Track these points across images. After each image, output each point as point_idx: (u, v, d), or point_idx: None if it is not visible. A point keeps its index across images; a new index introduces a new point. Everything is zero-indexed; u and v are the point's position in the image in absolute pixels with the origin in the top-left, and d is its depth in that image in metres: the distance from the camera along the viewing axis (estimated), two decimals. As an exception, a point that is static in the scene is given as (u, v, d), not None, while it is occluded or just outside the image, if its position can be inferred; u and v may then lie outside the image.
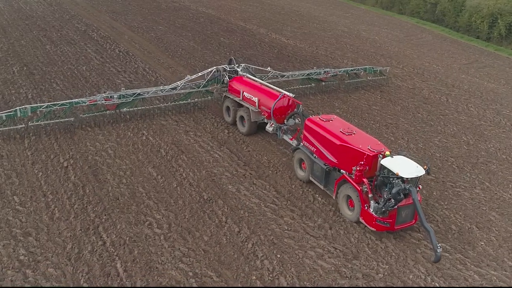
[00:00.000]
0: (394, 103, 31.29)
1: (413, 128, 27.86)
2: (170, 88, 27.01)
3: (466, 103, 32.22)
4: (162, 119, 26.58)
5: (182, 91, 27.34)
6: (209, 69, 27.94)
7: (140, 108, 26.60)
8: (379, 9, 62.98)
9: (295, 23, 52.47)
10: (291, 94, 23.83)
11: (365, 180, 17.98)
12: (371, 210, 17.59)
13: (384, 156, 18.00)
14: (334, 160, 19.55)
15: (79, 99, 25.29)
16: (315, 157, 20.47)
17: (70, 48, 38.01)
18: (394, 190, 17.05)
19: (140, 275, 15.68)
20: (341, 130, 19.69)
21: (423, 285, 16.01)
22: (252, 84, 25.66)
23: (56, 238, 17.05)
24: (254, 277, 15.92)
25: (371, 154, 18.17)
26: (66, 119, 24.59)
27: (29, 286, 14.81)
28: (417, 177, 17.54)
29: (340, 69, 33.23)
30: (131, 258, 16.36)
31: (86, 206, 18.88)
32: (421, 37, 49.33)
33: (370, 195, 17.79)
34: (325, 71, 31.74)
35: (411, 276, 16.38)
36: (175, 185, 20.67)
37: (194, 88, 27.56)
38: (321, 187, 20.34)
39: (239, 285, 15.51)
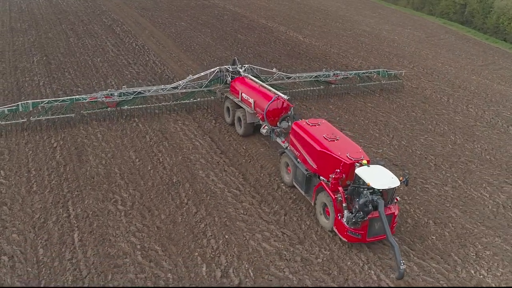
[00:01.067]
0: (391, 101, 31.33)
1: (402, 126, 27.92)
2: (171, 87, 27.33)
3: (467, 103, 31.79)
4: (156, 108, 27.79)
5: (184, 90, 27.75)
6: (212, 69, 28.05)
7: (140, 106, 26.94)
8: (409, 10, 62.20)
9: (318, 21, 52.88)
10: (285, 96, 23.30)
11: (340, 188, 17.46)
12: (344, 220, 17.06)
13: (361, 165, 17.42)
14: (314, 166, 19.09)
15: (80, 96, 25.91)
16: (298, 162, 20.14)
17: (91, 41, 40.29)
18: (361, 201, 16.50)
19: (93, 245, 17.03)
20: (324, 135, 19.14)
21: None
22: (250, 85, 25.41)
23: (27, 209, 18.71)
24: (197, 253, 16.92)
25: (348, 162, 17.61)
26: (66, 115, 25.37)
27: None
28: (390, 188, 16.81)
29: (351, 72, 32.24)
30: (89, 230, 17.76)
31: (62, 183, 20.50)
32: (443, 38, 48.54)
33: (344, 205, 17.22)
34: (334, 74, 30.96)
35: (349, 263, 16.87)
36: (149, 168, 21.98)
37: (196, 88, 27.84)
38: (302, 192, 19.95)
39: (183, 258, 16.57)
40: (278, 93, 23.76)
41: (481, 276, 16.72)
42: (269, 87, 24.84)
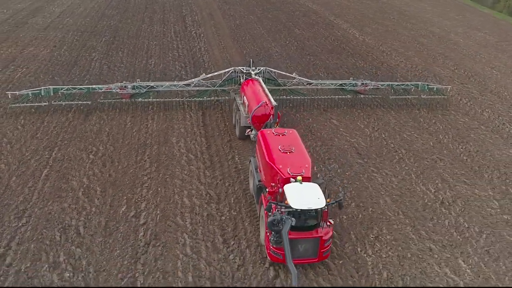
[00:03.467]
0: (402, 99, 31.16)
1: (395, 121, 28.08)
2: (184, 84, 28.09)
3: (485, 107, 30.52)
4: (170, 103, 29.15)
5: (196, 88, 28.39)
6: (227, 69, 28.42)
7: (155, 100, 28.22)
8: (501, 14, 58.42)
9: (389, 21, 52.60)
10: (274, 102, 22.98)
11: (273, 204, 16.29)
12: (270, 238, 16.06)
13: (295, 181, 16.62)
14: (263, 177, 18.47)
15: (96, 86, 28.00)
16: (256, 171, 19.55)
17: (159, 27, 45.45)
18: (269, 220, 15.56)
19: (53, 180, 21.04)
20: (280, 146, 18.29)
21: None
22: (252, 88, 25.27)
23: (23, 149, 23.45)
24: (125, 197, 20.07)
25: (284, 176, 16.86)
26: (84, 102, 27.61)
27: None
28: (310, 209, 15.83)
29: (384, 83, 30.17)
30: (57, 169, 21.88)
31: (60, 133, 25.03)
32: (515, 43, 45.53)
33: None
34: (362, 83, 29.25)
35: (246, 224, 18.67)
36: (134, 131, 25.63)
37: (210, 87, 28.23)
38: (256, 202, 19.51)
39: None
40: (271, 98, 23.49)
41: (365, 255, 17.47)
42: (267, 92, 24.37)
